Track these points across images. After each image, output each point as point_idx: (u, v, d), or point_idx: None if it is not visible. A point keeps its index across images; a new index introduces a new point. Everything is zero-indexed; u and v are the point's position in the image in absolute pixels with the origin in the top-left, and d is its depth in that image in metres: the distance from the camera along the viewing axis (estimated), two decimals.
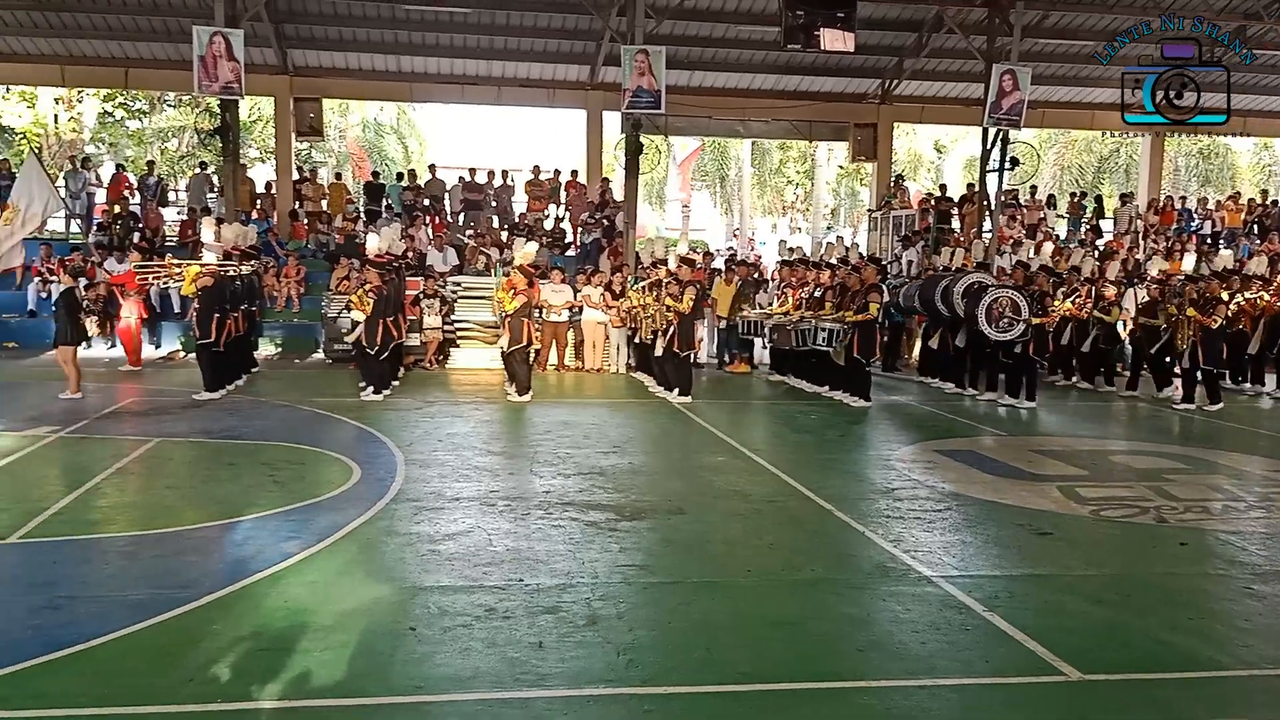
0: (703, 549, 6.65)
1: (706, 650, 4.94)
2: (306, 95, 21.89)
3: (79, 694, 4.31)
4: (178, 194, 24.17)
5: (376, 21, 20.45)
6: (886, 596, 5.75)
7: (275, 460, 8.89)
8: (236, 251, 13.90)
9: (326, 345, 16.32)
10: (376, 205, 21.62)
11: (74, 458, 8.93)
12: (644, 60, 17.12)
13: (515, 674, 4.58)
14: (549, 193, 22.10)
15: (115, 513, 7.27)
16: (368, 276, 12.86)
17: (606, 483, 8.30)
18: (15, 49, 20.87)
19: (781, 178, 42.43)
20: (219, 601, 5.40)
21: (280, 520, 7.00)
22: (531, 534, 6.77)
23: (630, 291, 15.04)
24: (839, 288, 13.61)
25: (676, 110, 19.99)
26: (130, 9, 19.74)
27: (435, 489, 7.96)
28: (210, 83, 16.40)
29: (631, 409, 12.55)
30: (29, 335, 16.78)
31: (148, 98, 32.72)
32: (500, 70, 22.28)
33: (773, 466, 9.08)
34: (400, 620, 5.22)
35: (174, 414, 11.11)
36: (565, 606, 5.42)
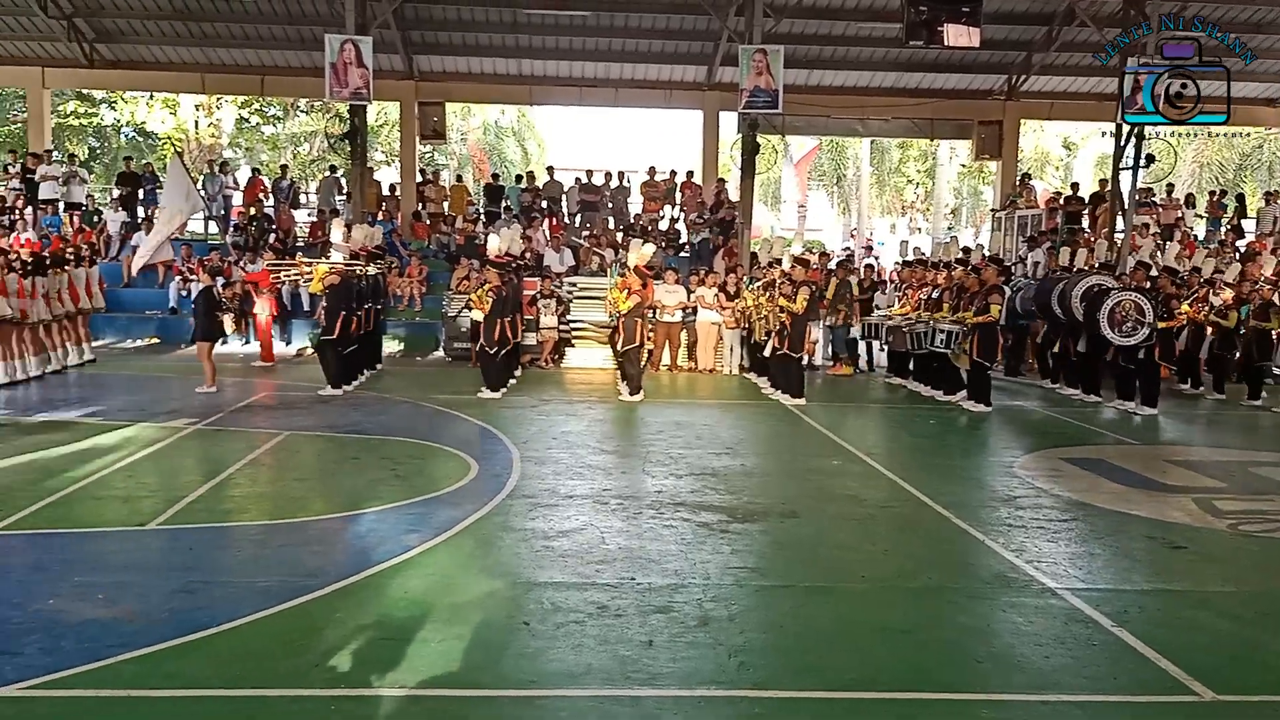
0: (815, 553, 6.58)
1: (818, 655, 4.89)
2: (430, 100, 22.48)
3: (210, 675, 4.52)
4: (308, 196, 25.11)
5: (498, 26, 20.87)
6: (1007, 608, 5.59)
7: (397, 455, 9.15)
8: (363, 252, 14.36)
9: (446, 343, 16.71)
10: (496, 207, 22.04)
11: (210, 449, 9.36)
12: (762, 60, 17.02)
13: (626, 672, 4.62)
14: (664, 193, 22.17)
15: (247, 502, 7.60)
16: (488, 276, 13.14)
17: (718, 484, 8.29)
18: (159, 58, 22.02)
19: (901, 177, 41.65)
20: (343, 590, 5.59)
21: (401, 513, 7.20)
22: (644, 533, 6.81)
23: (745, 292, 14.97)
24: (956, 289, 13.29)
25: (794, 109, 19.82)
26: (267, 18, 20.62)
27: (549, 486, 8.08)
28: (341, 89, 16.99)
29: (744, 410, 12.50)
30: (170, 331, 17.65)
31: (282, 104, 34.14)
32: (618, 72, 22.46)
33: (888, 471, 8.92)
34: (514, 615, 5.31)
35: (302, 408, 11.54)
36: (677, 607, 5.43)
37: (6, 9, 20.10)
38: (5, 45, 21.45)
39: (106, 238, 19.87)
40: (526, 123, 39.50)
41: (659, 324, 15.48)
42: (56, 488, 7.61)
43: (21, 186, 20.45)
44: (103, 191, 25.53)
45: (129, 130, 34.21)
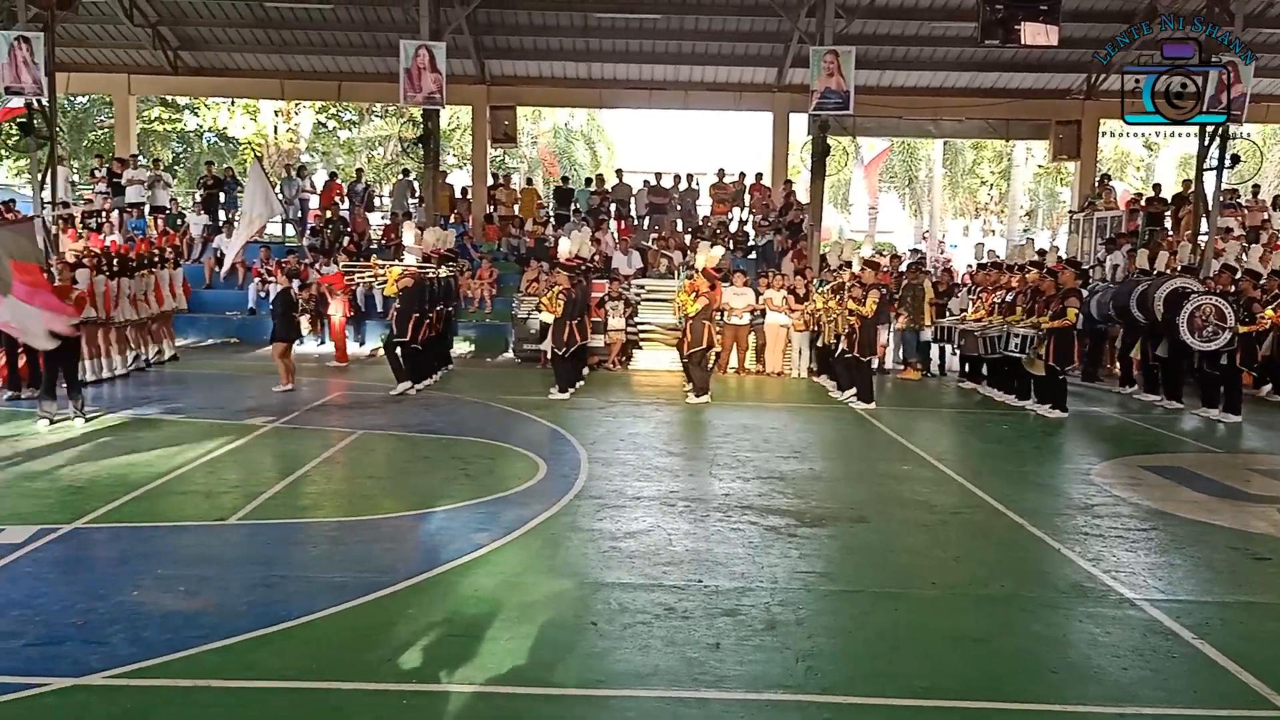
0: (885, 559, 6.51)
1: (887, 662, 4.84)
2: (502, 104, 22.73)
3: (287, 667, 4.63)
4: (382, 199, 25.54)
5: (569, 30, 21.03)
6: (1083, 618, 5.47)
7: (467, 454, 9.26)
8: (435, 254, 14.56)
9: (516, 345, 16.87)
10: (565, 209, 22.19)
11: (287, 446, 9.57)
12: (833, 61, 16.90)
13: (693, 674, 4.62)
14: (733, 195, 22.11)
15: (322, 499, 7.76)
16: (558, 279, 13.23)
17: (786, 488, 8.24)
18: (240, 65, 22.61)
19: (975, 178, 40.98)
20: (414, 587, 5.68)
21: (471, 512, 7.29)
22: (711, 536, 6.80)
23: (814, 295, 14.87)
24: (1031, 292, 13.03)
25: (865, 111, 19.63)
26: (344, 25, 21.06)
27: (617, 487, 8.11)
28: (415, 93, 17.27)
29: (812, 414, 12.41)
30: (249, 332, 18.10)
31: (357, 109, 34.80)
32: (688, 74, 22.47)
33: (960, 477, 8.79)
34: (582, 614, 5.34)
35: (375, 408, 11.74)
36: (744, 610, 5.42)
37: (95, 18, 20.80)
38: (94, 53, 22.20)
39: (189, 240, 20.45)
40: (596, 126, 39.70)
41: (726, 326, 15.43)
42: (141, 482, 7.86)
43: (108, 190, 21.12)
44: (186, 195, 26.27)
45: (211, 135, 35.17)
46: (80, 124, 32.58)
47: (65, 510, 7.03)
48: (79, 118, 32.51)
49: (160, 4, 20.86)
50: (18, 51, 16.46)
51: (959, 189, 40.70)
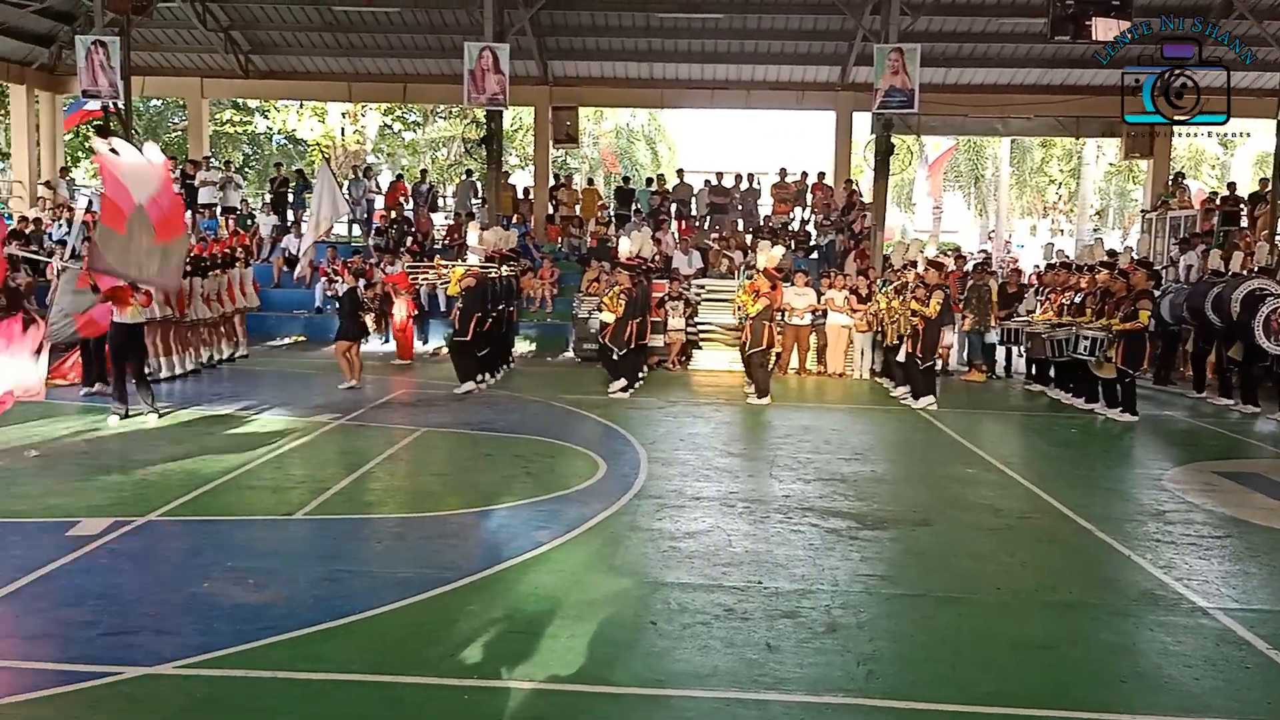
0: (948, 563, 6.42)
1: (950, 667, 4.77)
2: (564, 104, 22.85)
3: (352, 660, 4.71)
4: (445, 200, 25.84)
5: (631, 31, 21.08)
6: (1154, 626, 5.34)
7: (528, 452, 9.33)
8: (497, 254, 14.69)
9: (576, 344, 16.94)
10: (626, 210, 22.24)
11: (352, 443, 9.72)
12: (898, 59, 16.72)
13: (753, 675, 4.60)
14: (795, 195, 21.98)
15: (386, 495, 7.88)
16: (618, 278, 13.27)
17: (848, 490, 8.17)
18: (309, 68, 23.04)
19: (1043, 177, 40.21)
20: (476, 584, 5.74)
21: (531, 510, 7.34)
22: (771, 537, 6.77)
23: (877, 295, 14.71)
24: (1101, 293, 12.75)
25: (930, 109, 19.38)
26: (410, 28, 21.35)
27: (676, 487, 8.11)
28: (478, 94, 17.45)
29: (874, 415, 12.29)
30: (315, 330, 18.42)
31: (422, 110, 35.25)
32: (750, 74, 22.39)
33: (1026, 481, 8.64)
34: (642, 614, 5.35)
35: (438, 406, 11.88)
36: (804, 612, 5.39)
37: (169, 23, 21.35)
38: (168, 57, 22.79)
39: (259, 240, 20.87)
40: (657, 126, 39.73)
41: (788, 327, 15.34)
42: (211, 477, 8.04)
43: (181, 191, 21.64)
44: (255, 196, 26.84)
45: (280, 137, 35.90)
46: (155, 126, 33.45)
47: (139, 503, 7.22)
48: (154, 120, 33.40)
49: (232, 9, 21.35)
50: (95, 55, 16.97)
51: (1026, 188, 39.97)
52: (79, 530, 6.54)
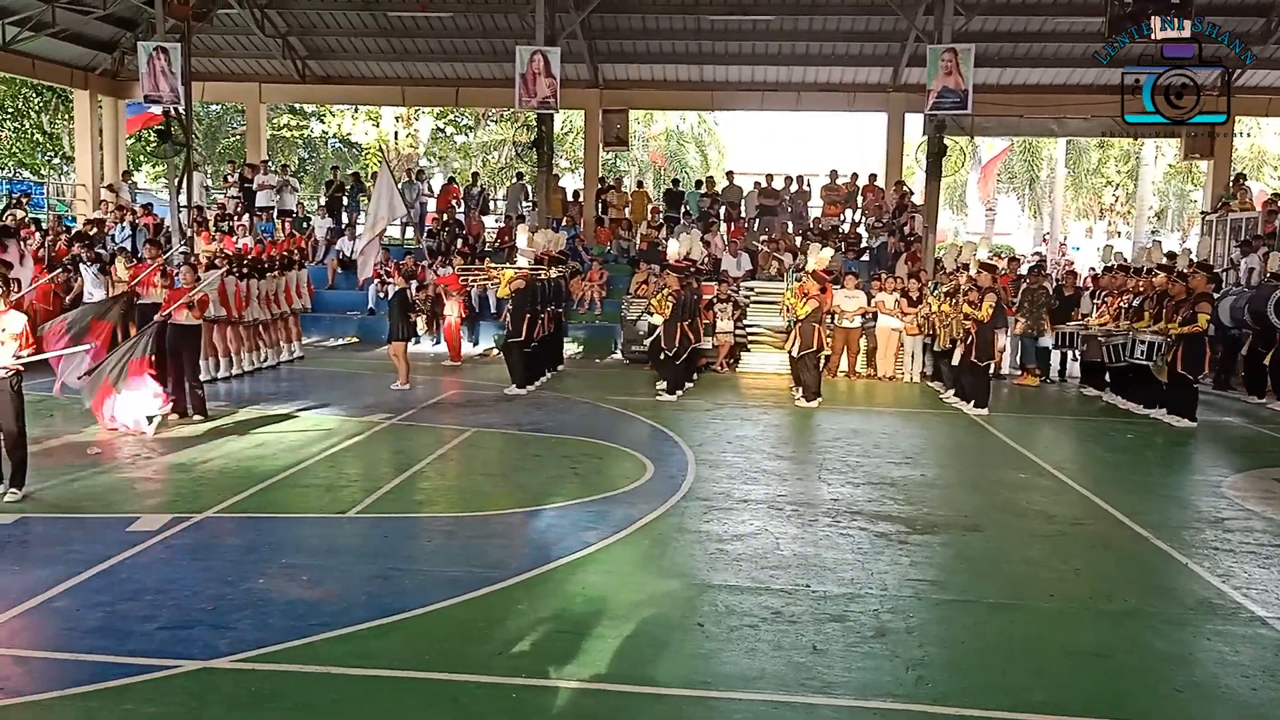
0: (1000, 569, 6.34)
1: (1002, 674, 4.72)
2: (614, 107, 22.90)
3: (404, 657, 4.77)
4: (496, 203, 26.03)
5: (682, 33, 21.08)
6: (1211, 635, 5.24)
7: (576, 453, 9.37)
8: (546, 256, 14.77)
9: (624, 346, 16.98)
10: (676, 212, 22.24)
11: (403, 443, 9.84)
12: (951, 59, 16.53)
13: (801, 679, 4.59)
14: (845, 197, 21.83)
15: (437, 494, 7.96)
16: (667, 281, 13.28)
17: (897, 494, 8.10)
18: (364, 73, 23.36)
19: (1100, 178, 39.52)
20: (524, 583, 5.78)
21: (580, 510, 7.38)
22: (819, 541, 6.74)
23: (929, 298, 14.57)
24: (1159, 296, 12.50)
25: (984, 110, 19.12)
26: (462, 32, 21.56)
27: (724, 489, 8.10)
28: (529, 98, 17.56)
29: (925, 419, 12.17)
30: (368, 331, 18.64)
31: (474, 114, 35.56)
32: (800, 75, 22.28)
33: (1080, 486, 8.50)
34: (689, 615, 5.36)
35: (488, 407, 11.97)
36: (852, 616, 5.35)
37: (228, 29, 21.77)
38: (227, 63, 23.22)
39: (314, 242, 21.18)
40: (707, 128, 39.69)
41: (837, 329, 15.24)
42: (267, 475, 8.19)
43: (240, 195, 22.06)
44: (310, 199, 27.26)
45: (335, 141, 36.41)
46: (214, 131, 34.11)
47: (197, 500, 7.38)
48: (213, 125, 34.05)
49: (290, 15, 21.69)
50: (156, 61, 17.33)
51: (1082, 189, 39.31)
52: (138, 526, 6.70)
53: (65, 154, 29.50)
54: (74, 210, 23.81)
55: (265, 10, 21.32)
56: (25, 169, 29.41)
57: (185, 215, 18.53)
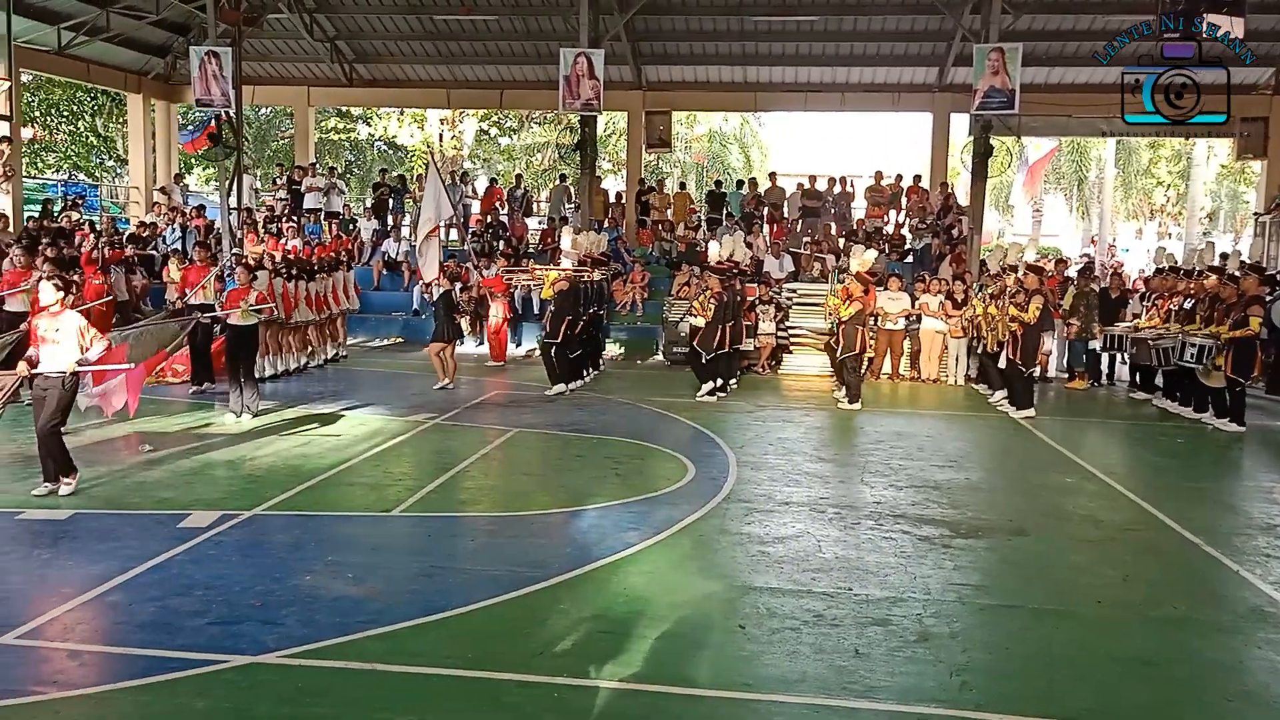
0: (1046, 574, 6.27)
1: (1048, 681, 4.67)
2: (657, 109, 22.93)
3: (446, 655, 4.82)
4: (539, 205, 26.16)
5: (725, 35, 21.06)
6: (1263, 644, 5.14)
7: (617, 454, 9.40)
8: (589, 258, 14.82)
9: (665, 348, 16.98)
10: (718, 214, 22.20)
11: (447, 442, 9.92)
12: (998, 58, 16.33)
13: (843, 682, 4.57)
14: (889, 198, 21.67)
15: (479, 494, 8.03)
16: (709, 282, 13.26)
17: (941, 497, 8.04)
18: (410, 76, 23.60)
19: (1150, 179, 38.86)
20: (566, 583, 5.81)
21: (621, 511, 7.40)
22: (861, 544, 6.70)
23: (974, 300, 14.42)
24: (1210, 299, 12.28)
25: (1032, 110, 18.88)
26: (507, 35, 21.70)
27: (766, 491, 8.08)
28: (573, 100, 17.63)
29: (969, 422, 12.05)
30: (413, 332, 18.82)
31: (517, 117, 35.76)
32: (845, 76, 22.16)
33: (1129, 491, 8.38)
34: (730, 617, 5.36)
35: (530, 407, 12.04)
36: (895, 620, 5.32)
37: (278, 34, 22.09)
38: (277, 67, 23.57)
39: (360, 244, 21.42)
40: (749, 129, 39.58)
41: (881, 331, 15.14)
42: (313, 473, 8.30)
43: (288, 197, 22.36)
44: (357, 201, 27.56)
45: (381, 144, 36.78)
46: (263, 134, 34.60)
47: (245, 497, 7.50)
48: (262, 128, 34.54)
49: (338, 19, 21.98)
50: (208, 65, 17.61)
51: (1132, 190, 38.68)
52: (189, 522, 6.83)
53: (119, 157, 30.07)
54: (127, 212, 24.28)
55: (314, 15, 21.62)
56: (80, 171, 30.02)
57: (235, 217, 18.82)
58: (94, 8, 19.81)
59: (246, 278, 11.37)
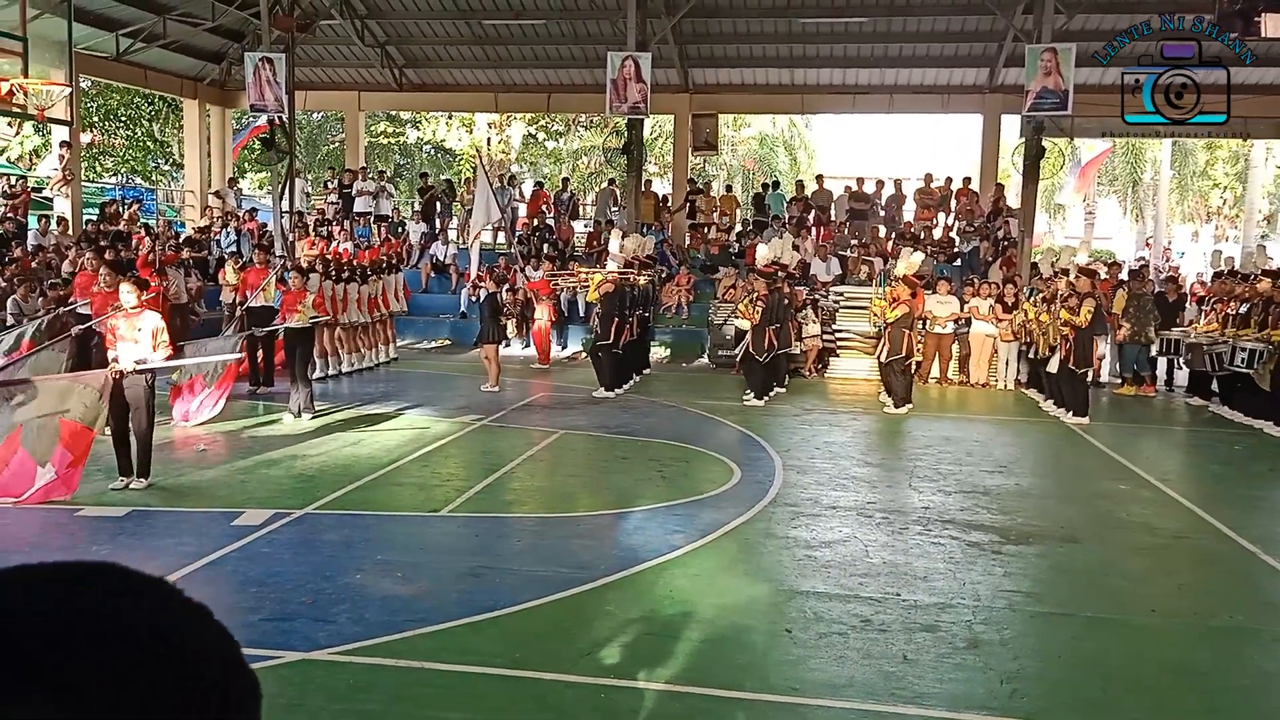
0: (1099, 582, 6.18)
1: (1100, 690, 4.60)
2: (704, 112, 22.91)
3: (495, 654, 4.86)
4: (586, 208, 26.26)
5: (773, 37, 20.98)
6: None
7: (663, 457, 9.41)
8: (635, 260, 14.85)
9: (711, 350, 16.96)
10: (764, 216, 22.14)
11: (493, 443, 10.00)
12: (1051, 59, 16.12)
13: (890, 688, 4.54)
14: (938, 201, 21.46)
15: (526, 495, 8.08)
16: (755, 286, 13.23)
17: (990, 503, 7.95)
18: (459, 80, 23.81)
19: (1207, 181, 38.10)
20: (612, 585, 5.83)
21: (667, 513, 7.41)
22: (909, 549, 6.65)
23: (1025, 304, 14.24)
24: (1264, 303, 12.01)
25: (1085, 110, 18.59)
26: (555, 39, 21.81)
27: (812, 495, 8.04)
28: (620, 103, 17.67)
29: (1020, 427, 11.90)
30: (461, 334, 18.97)
31: (564, 120, 35.92)
32: (893, 78, 21.99)
33: (1184, 499, 8.22)
34: (776, 621, 5.34)
35: (576, 409, 12.09)
36: (944, 626, 5.28)
37: (330, 39, 22.41)
38: (329, 73, 23.90)
39: (408, 247, 21.65)
40: (796, 131, 39.42)
41: (929, 335, 15.00)
42: (363, 473, 8.41)
43: (338, 200, 22.66)
44: (406, 204, 27.85)
45: (430, 148, 37.14)
46: (315, 139, 35.09)
47: (298, 496, 7.61)
48: (314, 133, 35.03)
49: (389, 25, 22.23)
50: (262, 71, 17.91)
51: (1188, 192, 37.95)
52: (243, 520, 6.94)
53: (175, 161, 30.66)
54: (183, 216, 24.74)
55: (365, 21, 21.88)
56: (137, 175, 30.64)
57: (287, 220, 19.11)
58: (152, 15, 20.21)
59: (300, 281, 11.55)
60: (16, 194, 18.88)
